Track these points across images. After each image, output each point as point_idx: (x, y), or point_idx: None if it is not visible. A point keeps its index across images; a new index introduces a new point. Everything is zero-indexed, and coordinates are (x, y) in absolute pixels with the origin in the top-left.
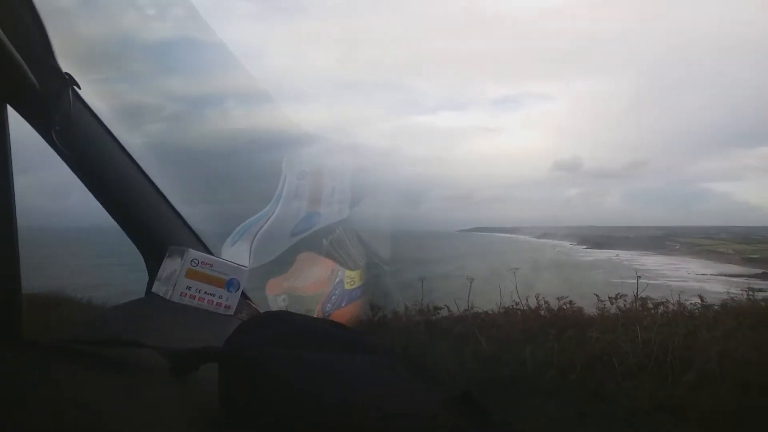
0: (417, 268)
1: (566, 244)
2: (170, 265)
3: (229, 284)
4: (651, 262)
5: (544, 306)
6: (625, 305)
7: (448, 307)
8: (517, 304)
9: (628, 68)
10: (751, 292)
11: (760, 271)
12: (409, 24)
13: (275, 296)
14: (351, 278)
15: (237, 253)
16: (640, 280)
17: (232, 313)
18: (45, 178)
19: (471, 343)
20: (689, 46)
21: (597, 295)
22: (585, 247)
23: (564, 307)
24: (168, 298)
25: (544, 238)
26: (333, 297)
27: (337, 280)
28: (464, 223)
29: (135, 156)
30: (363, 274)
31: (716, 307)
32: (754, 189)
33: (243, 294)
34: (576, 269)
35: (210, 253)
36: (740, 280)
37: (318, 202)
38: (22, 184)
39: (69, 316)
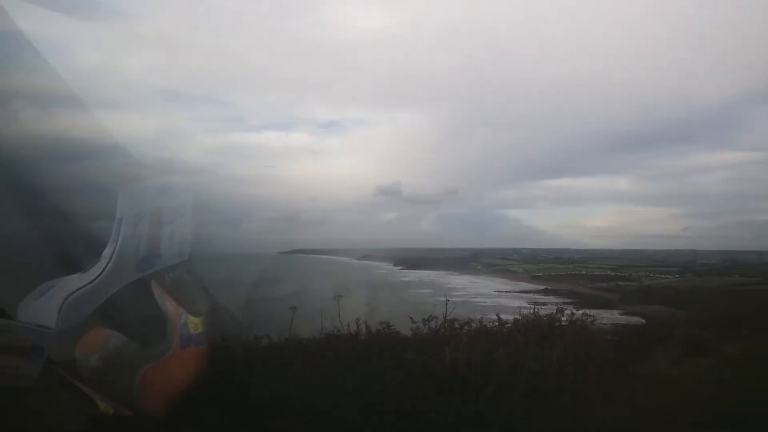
0: (235, 294)
1: (384, 265)
2: None
3: (30, 352)
4: (458, 281)
5: (364, 331)
6: (436, 326)
7: (269, 335)
8: (338, 330)
9: (443, 103)
10: (537, 308)
11: (543, 287)
12: (236, 38)
13: (86, 355)
14: (194, 324)
15: (42, 311)
16: (450, 300)
17: (31, 385)
18: None
19: (293, 373)
20: (498, 89)
21: (411, 318)
22: (401, 267)
23: (382, 330)
24: None
25: (364, 260)
26: (182, 336)
27: (182, 321)
28: (285, 245)
29: None
30: (205, 321)
31: (509, 325)
32: (540, 215)
33: (49, 359)
34: (393, 289)
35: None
36: (529, 295)
37: (157, 243)
38: None
39: None
